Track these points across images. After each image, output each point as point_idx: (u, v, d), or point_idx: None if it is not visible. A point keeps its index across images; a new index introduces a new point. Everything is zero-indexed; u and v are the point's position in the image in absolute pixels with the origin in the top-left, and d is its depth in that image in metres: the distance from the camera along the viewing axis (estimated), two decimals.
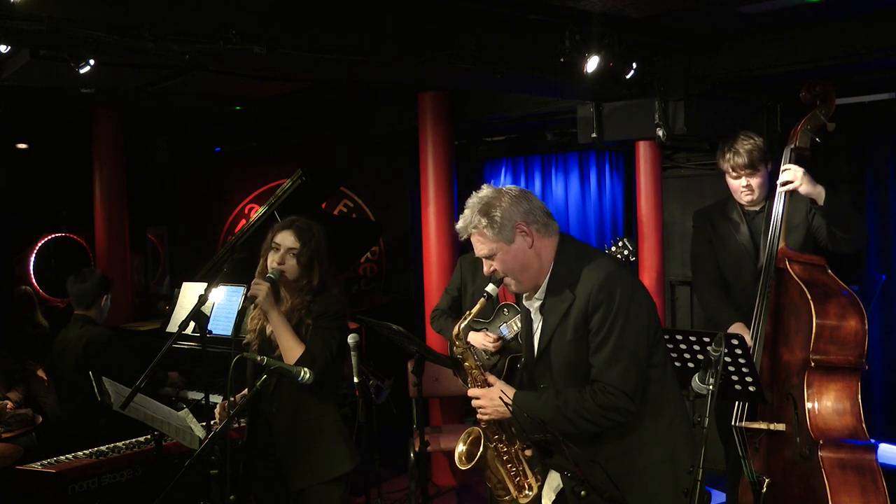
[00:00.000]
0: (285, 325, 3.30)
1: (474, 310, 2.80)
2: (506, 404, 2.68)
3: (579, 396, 2.58)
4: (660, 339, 2.69)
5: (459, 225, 2.69)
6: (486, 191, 2.68)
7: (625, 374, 2.55)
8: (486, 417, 2.80)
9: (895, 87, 5.07)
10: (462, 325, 2.85)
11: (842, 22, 4.26)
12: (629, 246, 4.54)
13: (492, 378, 2.84)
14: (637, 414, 2.61)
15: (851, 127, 5.28)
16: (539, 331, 2.73)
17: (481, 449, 2.86)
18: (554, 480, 2.91)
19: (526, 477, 2.87)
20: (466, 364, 2.88)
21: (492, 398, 2.76)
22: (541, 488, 2.87)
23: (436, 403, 6.08)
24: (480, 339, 4.54)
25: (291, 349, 3.27)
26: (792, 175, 3.70)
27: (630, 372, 2.55)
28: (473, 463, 2.87)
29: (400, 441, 5.56)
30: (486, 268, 2.70)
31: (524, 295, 2.78)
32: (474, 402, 2.81)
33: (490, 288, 2.78)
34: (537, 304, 2.73)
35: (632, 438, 2.64)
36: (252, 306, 3.33)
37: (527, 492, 2.85)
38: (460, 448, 2.93)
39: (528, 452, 2.87)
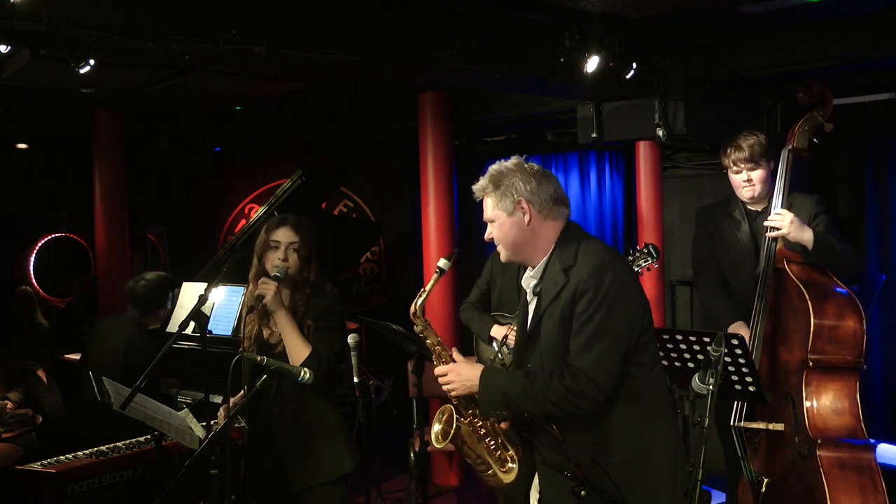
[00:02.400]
0: (293, 324, 3.30)
1: (428, 286, 2.90)
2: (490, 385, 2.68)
3: (548, 378, 2.57)
4: (650, 338, 2.66)
5: (475, 186, 2.76)
6: (510, 161, 2.74)
7: (597, 363, 2.53)
8: (454, 393, 2.80)
9: (895, 87, 5.07)
10: (418, 303, 2.92)
11: (842, 22, 4.26)
12: (654, 253, 4.49)
13: (456, 355, 2.86)
14: (610, 406, 2.58)
15: (851, 127, 5.28)
16: (532, 311, 2.74)
17: (454, 426, 2.85)
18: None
19: (506, 450, 2.87)
20: (428, 342, 2.93)
21: (458, 373, 2.77)
22: (521, 461, 2.86)
23: (436, 403, 6.07)
24: (505, 333, 4.53)
25: (298, 349, 3.27)
26: (780, 221, 3.69)
27: (603, 361, 2.53)
28: (448, 440, 2.86)
29: (400, 441, 5.56)
30: (487, 232, 2.76)
31: (523, 277, 2.81)
32: (441, 380, 2.81)
33: (442, 263, 2.93)
34: (533, 282, 2.74)
35: (602, 430, 2.61)
36: (260, 306, 3.33)
37: (510, 464, 2.85)
38: (436, 427, 2.93)
39: (503, 425, 2.85)
